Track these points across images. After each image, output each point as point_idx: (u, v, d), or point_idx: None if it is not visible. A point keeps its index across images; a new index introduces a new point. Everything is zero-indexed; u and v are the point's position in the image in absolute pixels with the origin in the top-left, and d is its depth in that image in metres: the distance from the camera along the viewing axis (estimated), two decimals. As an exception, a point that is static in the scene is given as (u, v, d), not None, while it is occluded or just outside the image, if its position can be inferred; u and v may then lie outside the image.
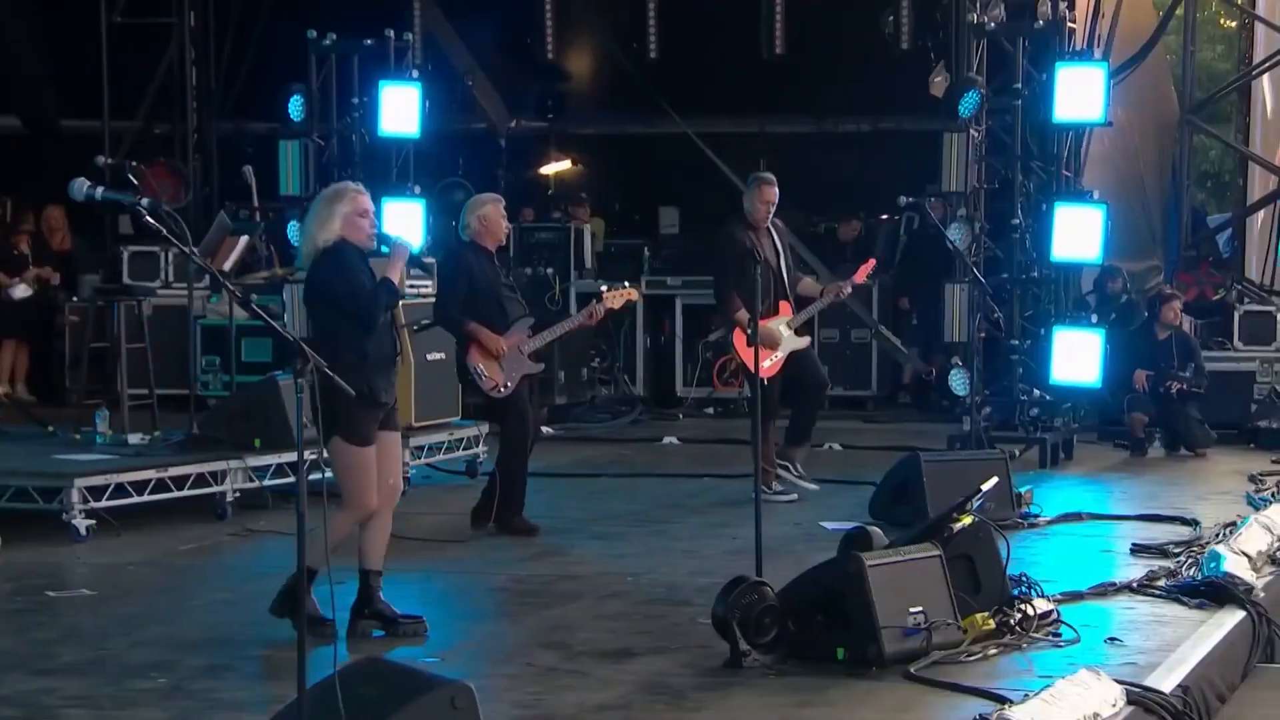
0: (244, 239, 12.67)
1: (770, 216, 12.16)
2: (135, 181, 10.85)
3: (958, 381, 14.12)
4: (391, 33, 14.77)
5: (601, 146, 22.11)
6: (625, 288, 11.12)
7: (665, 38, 18.95)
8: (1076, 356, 14.19)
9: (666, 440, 15.74)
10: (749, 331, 11.38)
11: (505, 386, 10.58)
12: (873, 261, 13.36)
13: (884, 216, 19.10)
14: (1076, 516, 11.62)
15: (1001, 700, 6.86)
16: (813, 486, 12.28)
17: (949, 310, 14.19)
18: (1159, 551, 10.23)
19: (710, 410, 17.43)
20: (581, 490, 12.92)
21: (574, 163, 22.50)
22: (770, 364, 11.98)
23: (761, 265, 11.78)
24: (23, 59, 19.73)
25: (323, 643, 7.39)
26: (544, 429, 16.17)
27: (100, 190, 5.13)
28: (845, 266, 18.25)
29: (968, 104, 14.15)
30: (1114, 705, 6.93)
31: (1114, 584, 9.32)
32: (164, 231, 5.49)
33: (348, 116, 14.86)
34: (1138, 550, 10.36)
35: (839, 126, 20.92)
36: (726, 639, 7.66)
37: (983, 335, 14.18)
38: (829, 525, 10.94)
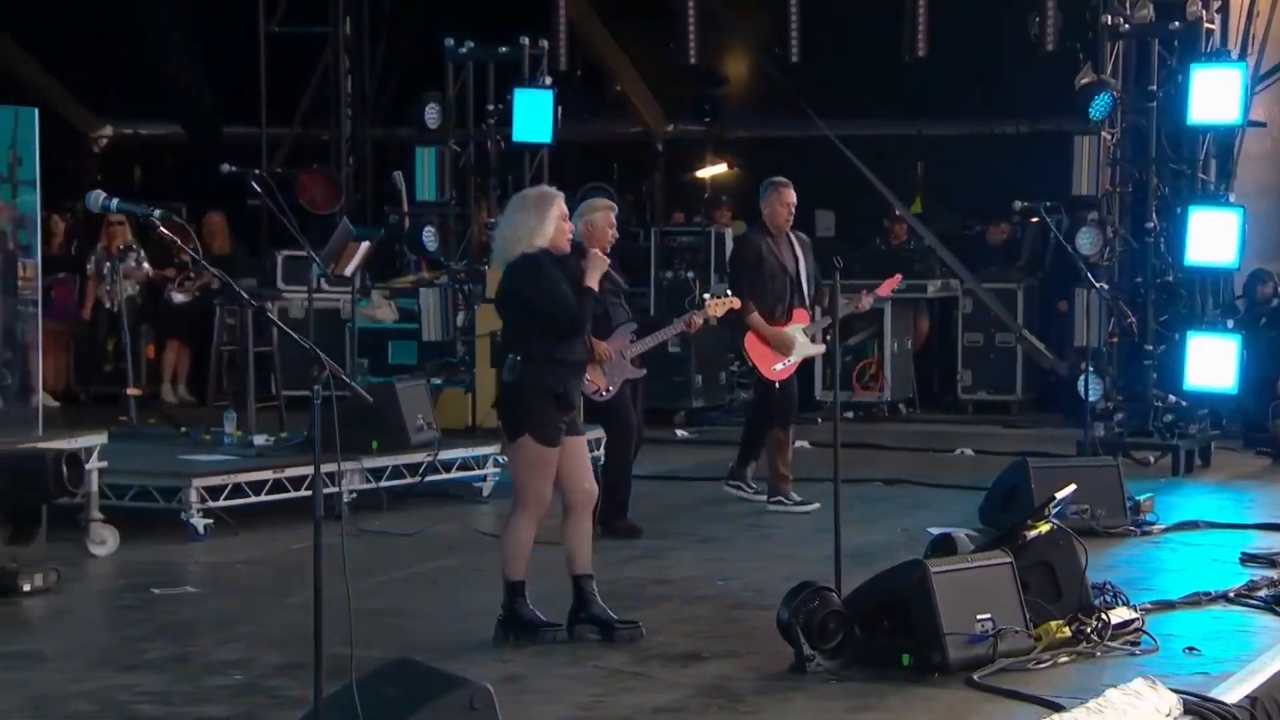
0: (365, 244, 12.86)
1: (790, 221, 12.06)
2: (259, 189, 11.10)
3: (1091, 387, 13.95)
4: (526, 40, 14.89)
5: (758, 150, 22.15)
6: (728, 296, 11.12)
7: (806, 41, 18.92)
8: (1212, 362, 13.96)
9: (798, 444, 15.69)
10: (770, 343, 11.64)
11: (607, 390, 10.69)
12: (898, 276, 13.34)
13: (1033, 219, 18.92)
14: (1193, 525, 11.48)
15: (1057, 709, 6.85)
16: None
17: (1079, 315, 14.04)
18: (1268, 561, 10.07)
19: (849, 414, 17.38)
20: (699, 493, 12.96)
21: (730, 166, 22.58)
22: (782, 368, 11.99)
23: (778, 272, 11.83)
24: (184, 68, 20.25)
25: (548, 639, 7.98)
26: (679, 432, 16.39)
27: (115, 201, 5.32)
28: (991, 270, 18.25)
29: (1099, 106, 14.00)
30: (1168, 714, 6.87)
31: (1209, 593, 9.20)
32: (178, 241, 5.67)
33: (483, 123, 15.03)
34: (1247, 560, 10.22)
35: (995, 129, 20.81)
36: (791, 644, 7.70)
37: (1114, 340, 14.03)
38: (935, 531, 10.89)
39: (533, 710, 7.08)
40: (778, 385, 11.95)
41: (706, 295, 10.14)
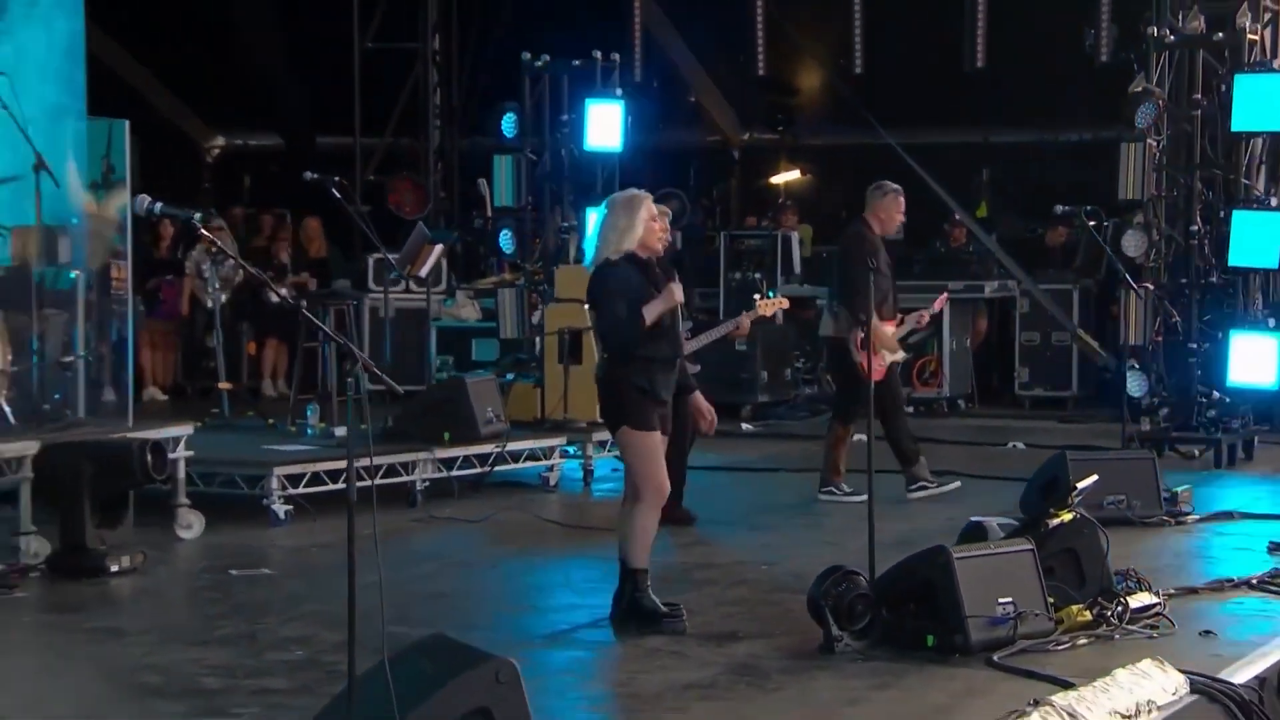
0: (439, 247, 13.00)
1: (896, 227, 12.09)
2: (339, 195, 11.24)
3: (1134, 383, 13.89)
4: (599, 53, 14.97)
5: (829, 157, 22.19)
6: (777, 297, 11.12)
7: (870, 53, 18.90)
8: (1254, 359, 13.83)
9: (857, 437, 15.66)
10: (878, 334, 11.52)
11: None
12: (945, 295, 13.32)
13: (1091, 223, 18.80)
14: (1227, 515, 11.35)
15: (1068, 686, 6.82)
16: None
17: (1127, 314, 13.97)
18: (1295, 550, 10.02)
19: (910, 409, 17.28)
20: (756, 483, 13.00)
21: (803, 173, 22.59)
22: (880, 367, 11.81)
23: (885, 272, 11.77)
24: (283, 83, 20.47)
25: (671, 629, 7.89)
26: (744, 425, 16.42)
27: (159, 205, 5.39)
28: (1048, 271, 18.16)
29: (1143, 114, 13.94)
30: (1174, 694, 6.84)
31: (1231, 580, 9.14)
32: (216, 244, 5.76)
33: (557, 132, 15.13)
34: (1275, 548, 10.10)
35: (1058, 136, 20.70)
36: (820, 624, 7.71)
37: (1159, 338, 13.95)
38: (981, 520, 10.84)
39: (568, 688, 7.14)
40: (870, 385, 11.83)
41: (756, 296, 10.14)
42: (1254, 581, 9.12)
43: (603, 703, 6.96)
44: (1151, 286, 14.01)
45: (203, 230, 5.37)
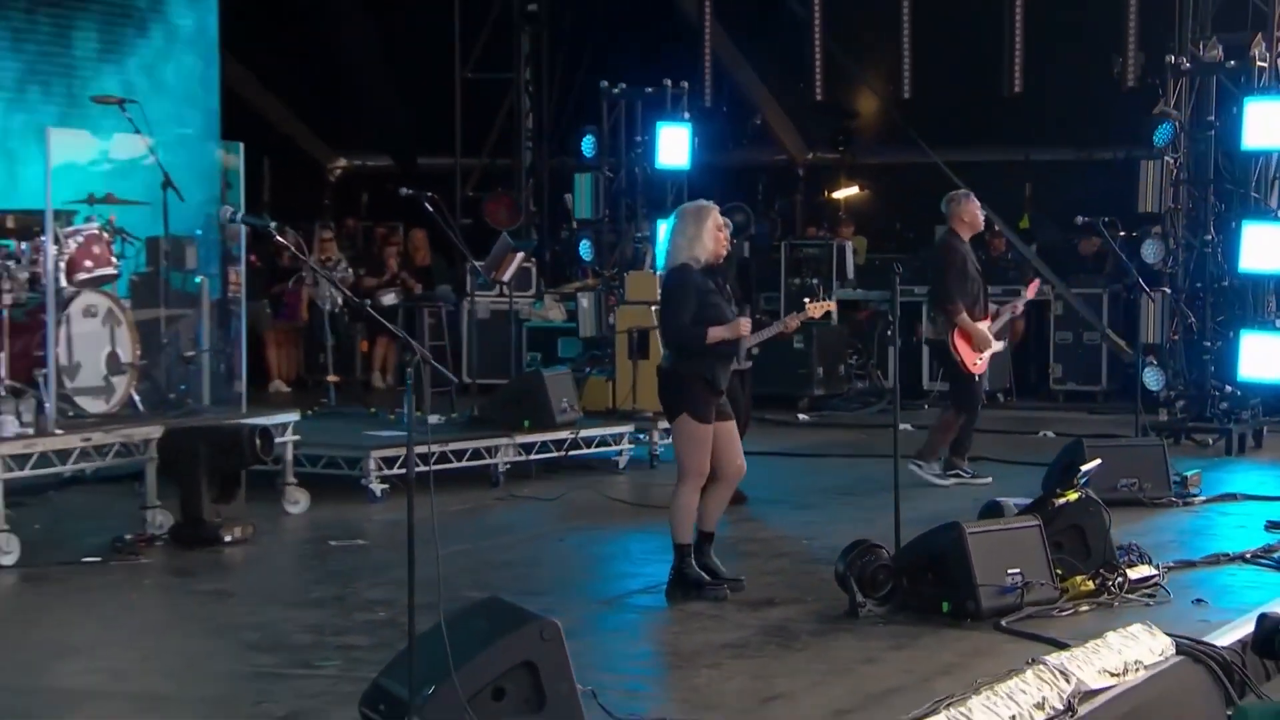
0: (519, 254, 13.11)
1: (978, 230, 12.01)
2: (431, 208, 11.37)
3: (1151, 378, 13.83)
4: (669, 81, 15.07)
5: (885, 174, 22.13)
6: (825, 300, 11.08)
7: (917, 80, 18.84)
8: (1263, 356, 13.73)
9: (904, 427, 15.62)
10: (970, 331, 11.55)
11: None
12: (1037, 281, 13.13)
13: (1122, 233, 18.68)
14: (1231, 497, 11.28)
15: (1063, 647, 6.83)
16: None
17: (1145, 315, 13.90)
18: (1290, 528, 9.94)
19: (952, 402, 17.26)
20: (808, 467, 12.99)
21: (861, 188, 22.57)
22: (981, 362, 11.90)
23: (976, 275, 11.78)
24: (392, 109, 20.66)
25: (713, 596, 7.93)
26: (800, 416, 16.42)
27: (240, 214, 5.50)
28: (1081, 277, 18.04)
29: (1161, 134, 13.91)
30: (1160, 655, 6.84)
31: (1227, 554, 9.12)
32: (291, 249, 5.89)
33: (632, 152, 15.23)
34: (1272, 526, 10.04)
35: (1093, 155, 20.55)
36: (846, 592, 7.76)
37: (1175, 337, 13.87)
38: (1000, 500, 10.82)
39: (616, 646, 7.22)
40: (977, 377, 11.83)
41: (806, 300, 10.14)
42: (1247, 556, 9.11)
43: (645, 659, 7.04)
44: (1169, 290, 13.94)
45: (278, 237, 5.50)
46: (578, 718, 5.75)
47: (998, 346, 12.17)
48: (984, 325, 11.89)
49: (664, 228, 15.07)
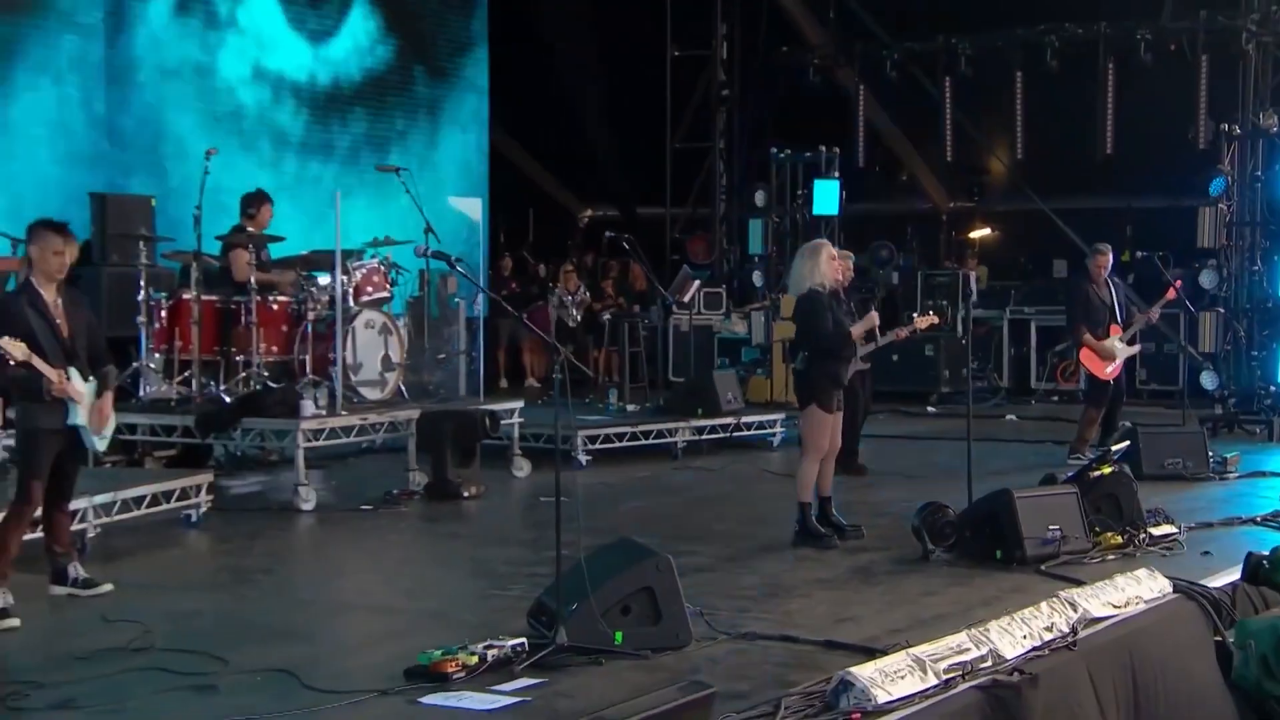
0: (696, 282, 13.31)
1: (1105, 275, 11.74)
2: (628, 247, 11.65)
3: (1208, 380, 13.45)
4: (824, 147, 15.13)
5: (1013, 219, 21.68)
6: (931, 314, 10.97)
7: (1029, 142, 18.46)
8: (1301, 362, 13.30)
9: (1008, 418, 15.47)
10: (1095, 347, 11.44)
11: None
12: (1172, 292, 12.67)
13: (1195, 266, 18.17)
14: (1262, 474, 10.95)
15: (1080, 584, 6.78)
16: None
17: (1202, 328, 13.52)
18: (1303, 498, 9.61)
19: (1055, 399, 16.96)
20: (925, 449, 12.81)
21: (992, 230, 22.21)
22: (1111, 369, 11.64)
23: (1099, 304, 11.58)
24: (618, 170, 21.00)
25: (826, 546, 7.95)
26: (929, 408, 16.26)
27: (432, 250, 5.79)
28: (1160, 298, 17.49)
29: (1215, 186, 13.58)
30: (1159, 592, 6.75)
31: (1241, 517, 8.89)
32: (467, 277, 6.18)
33: (793, 202, 15.30)
34: (1290, 496, 9.76)
35: (1181, 202, 19.92)
36: (919, 542, 7.80)
37: (1228, 347, 13.47)
38: (1053, 472, 10.61)
39: (732, 579, 7.31)
40: (1110, 383, 11.67)
41: (914, 314, 10.13)
42: (1259, 519, 8.87)
43: (750, 588, 7.10)
44: (1223, 310, 13.55)
45: (458, 269, 5.78)
46: (685, 630, 5.93)
47: (1130, 351, 11.90)
48: (1111, 339, 11.63)
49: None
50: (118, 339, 10.15)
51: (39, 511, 6.86)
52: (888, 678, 5.05)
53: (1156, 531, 8.00)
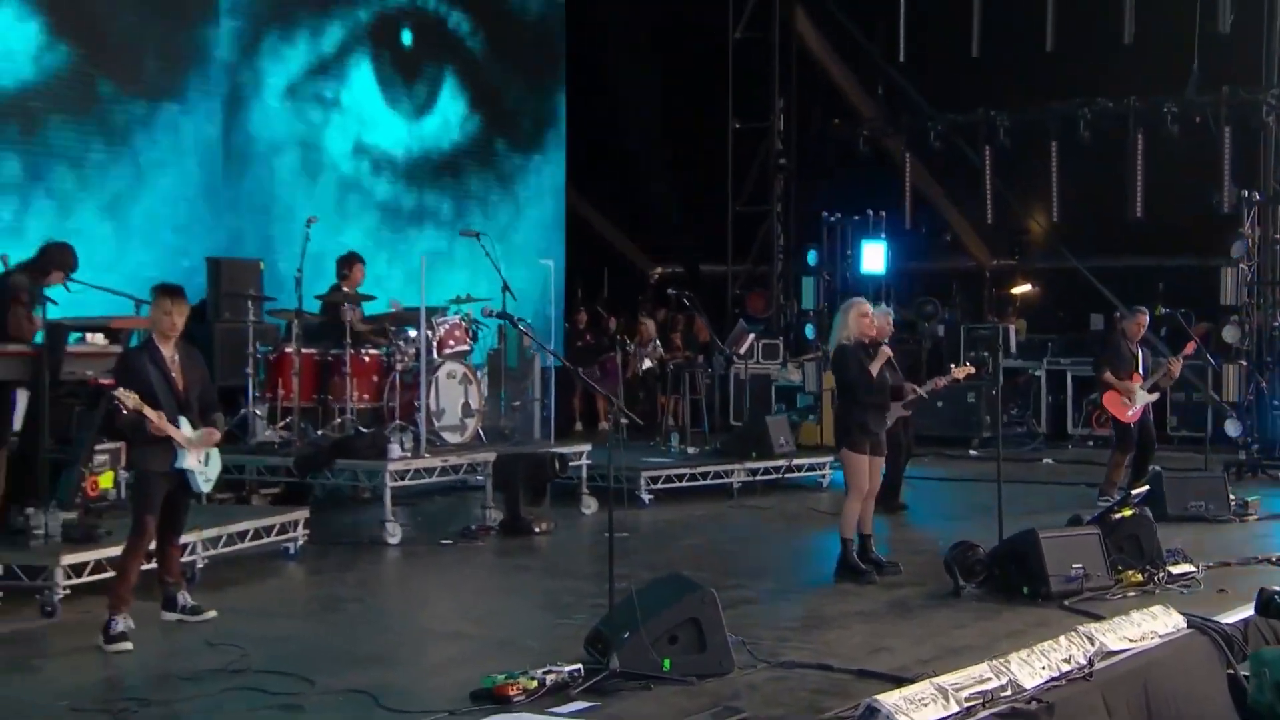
0: (751, 335, 13.34)
1: (1141, 335, 11.64)
2: (689, 303, 11.74)
3: (1231, 427, 13.25)
4: (871, 210, 15.14)
5: (1052, 275, 21.50)
6: (968, 365, 10.86)
7: (1063, 205, 18.32)
8: (1321, 410, 13.04)
9: (1045, 461, 15.29)
10: (1123, 396, 11.28)
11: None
12: (1193, 344, 12.46)
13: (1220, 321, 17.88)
14: (1278, 516, 10.76)
15: (1098, 619, 6.72)
16: None
17: (1227, 379, 13.32)
18: (1319, 540, 9.44)
19: (1090, 444, 16.73)
20: (965, 490, 12.68)
21: (1033, 286, 22.07)
22: (1132, 413, 11.42)
23: (1128, 357, 11.44)
24: (685, 231, 21.13)
25: (866, 580, 7.87)
26: (971, 451, 16.10)
27: (495, 313, 5.91)
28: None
29: (1236, 248, 13.42)
30: (1173, 628, 6.66)
31: (1258, 557, 8.74)
32: (528, 335, 6.28)
33: (843, 261, 15.31)
34: (1305, 538, 9.58)
35: (1207, 263, 19.67)
36: (951, 578, 7.76)
37: (1251, 397, 13.25)
38: (1079, 514, 10.46)
39: (776, 610, 7.31)
40: (1132, 426, 11.50)
41: (952, 365, 10.10)
42: (1275, 559, 8.71)
43: (793, 620, 7.11)
44: (1245, 363, 13.35)
45: (519, 327, 5.90)
46: (728, 658, 5.96)
47: (1149, 398, 11.73)
48: (1134, 382, 11.46)
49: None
50: (228, 388, 10.43)
51: (153, 544, 7.04)
52: (912, 705, 5.05)
53: (1175, 570, 7.91)
